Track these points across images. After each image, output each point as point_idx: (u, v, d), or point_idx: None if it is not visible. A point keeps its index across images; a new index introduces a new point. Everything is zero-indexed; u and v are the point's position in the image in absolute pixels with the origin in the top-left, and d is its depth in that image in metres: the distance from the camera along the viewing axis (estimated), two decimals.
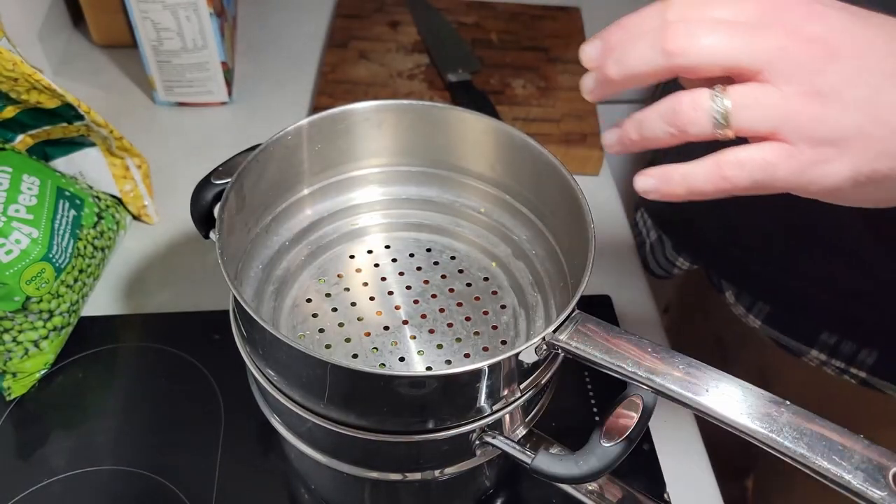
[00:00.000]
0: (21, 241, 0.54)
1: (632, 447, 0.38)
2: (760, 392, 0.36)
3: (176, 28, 0.73)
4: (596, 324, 0.41)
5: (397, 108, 0.51)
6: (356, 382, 0.40)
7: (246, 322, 0.43)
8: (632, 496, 0.47)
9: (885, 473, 0.33)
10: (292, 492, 0.54)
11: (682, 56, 0.34)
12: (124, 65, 0.84)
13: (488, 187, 0.53)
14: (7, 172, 0.57)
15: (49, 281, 0.56)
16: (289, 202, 0.52)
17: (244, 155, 0.47)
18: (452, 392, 0.40)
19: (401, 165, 0.54)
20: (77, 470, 0.54)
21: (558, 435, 0.46)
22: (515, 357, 0.40)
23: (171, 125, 0.79)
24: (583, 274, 0.41)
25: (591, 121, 0.78)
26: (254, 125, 0.79)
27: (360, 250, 0.54)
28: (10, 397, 0.57)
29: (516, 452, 0.42)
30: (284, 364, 0.42)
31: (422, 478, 0.45)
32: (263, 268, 0.51)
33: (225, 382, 0.58)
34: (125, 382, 0.59)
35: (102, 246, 0.63)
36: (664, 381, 0.37)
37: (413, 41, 0.86)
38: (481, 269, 0.53)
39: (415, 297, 0.51)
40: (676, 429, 0.58)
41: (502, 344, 0.48)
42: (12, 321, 0.55)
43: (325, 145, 0.51)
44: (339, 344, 0.48)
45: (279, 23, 0.91)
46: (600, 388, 0.59)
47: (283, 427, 0.46)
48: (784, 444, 0.34)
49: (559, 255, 0.50)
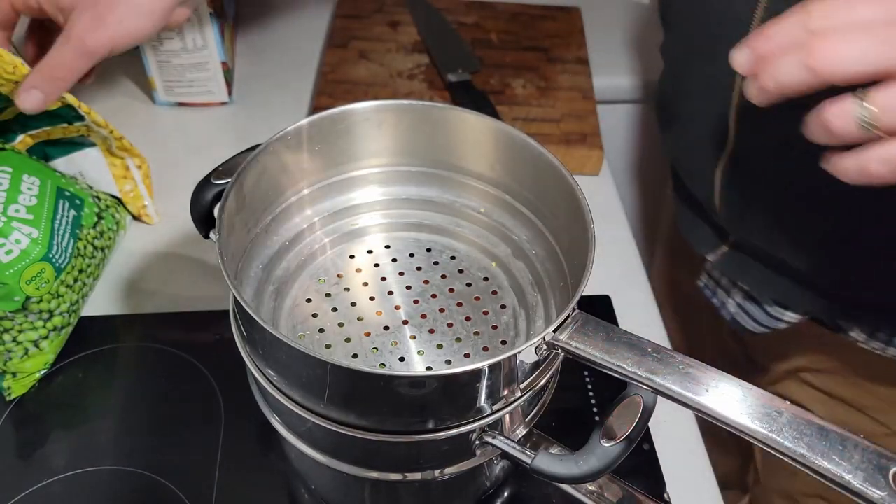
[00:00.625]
0: (21, 241, 0.54)
1: (632, 447, 0.38)
2: (760, 392, 0.36)
3: (176, 28, 0.73)
4: (596, 324, 0.41)
5: (397, 108, 0.51)
6: (356, 382, 0.40)
7: (246, 322, 0.43)
8: (632, 496, 0.47)
9: (885, 473, 0.33)
10: (292, 492, 0.54)
11: (830, 73, 0.35)
12: (124, 65, 0.84)
13: (488, 187, 0.53)
14: (7, 172, 0.57)
15: (49, 281, 0.56)
16: (289, 202, 0.52)
17: (244, 155, 0.47)
18: (452, 392, 0.40)
19: (401, 165, 0.54)
20: (77, 470, 0.54)
21: (558, 435, 0.46)
22: (515, 357, 0.40)
23: (171, 125, 0.79)
24: (583, 274, 0.41)
25: (591, 121, 0.78)
26: (254, 125, 0.79)
27: (360, 250, 0.54)
28: (10, 397, 0.57)
29: (516, 452, 0.42)
30: (284, 364, 0.42)
31: (422, 478, 0.45)
32: (263, 268, 0.51)
33: (225, 382, 0.58)
34: (125, 382, 0.59)
35: (102, 246, 0.63)
36: (664, 381, 0.37)
37: (413, 41, 0.86)
38: (481, 269, 0.53)
39: (415, 297, 0.51)
40: (676, 429, 0.59)
41: (502, 344, 0.48)
42: (12, 321, 0.55)
43: (325, 145, 0.51)
44: (339, 344, 0.48)
45: (279, 23, 0.91)
46: (600, 388, 0.59)
47: (283, 427, 0.46)
48: (784, 444, 0.34)
49: (559, 255, 0.50)
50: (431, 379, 0.40)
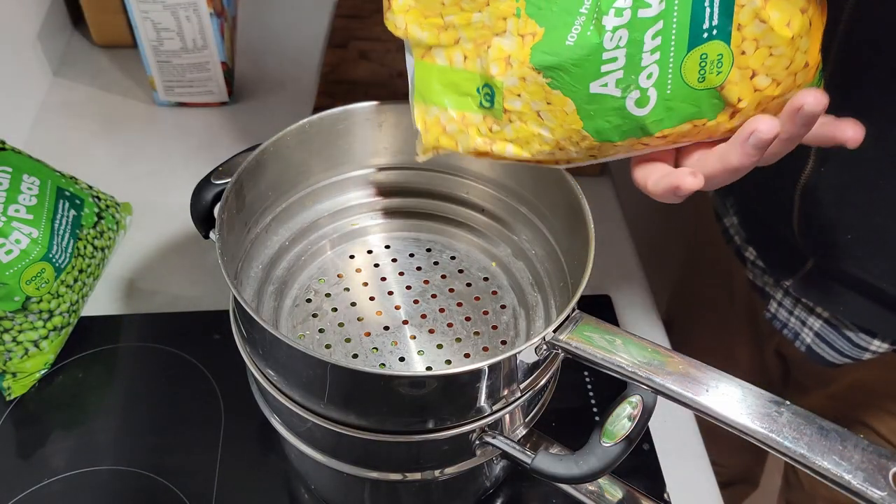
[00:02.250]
0: (21, 241, 0.54)
1: (632, 447, 0.38)
2: (760, 392, 0.36)
3: (176, 28, 0.73)
4: (596, 324, 0.41)
5: (397, 108, 0.51)
6: (356, 382, 0.40)
7: (246, 322, 0.43)
8: (632, 496, 0.47)
9: (885, 473, 0.33)
10: (292, 492, 0.54)
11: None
12: (124, 65, 0.84)
13: (488, 187, 0.53)
14: (7, 172, 0.57)
15: (49, 281, 0.56)
16: (289, 202, 0.52)
17: (244, 155, 0.47)
18: (452, 392, 0.40)
19: (401, 165, 0.54)
20: (77, 470, 0.54)
21: (558, 435, 0.46)
22: (515, 357, 0.40)
23: (171, 125, 0.79)
24: (583, 274, 0.41)
25: None
26: (254, 125, 0.79)
27: (360, 250, 0.54)
28: (10, 397, 0.57)
29: (516, 452, 0.42)
30: (284, 364, 0.42)
31: (422, 478, 0.45)
32: (263, 268, 0.51)
33: (225, 382, 0.58)
34: (125, 382, 0.59)
35: (102, 246, 0.63)
36: (664, 381, 0.37)
37: None
38: (481, 269, 0.53)
39: (415, 297, 0.51)
40: (676, 429, 0.58)
41: (502, 344, 0.48)
42: (12, 321, 0.55)
43: (325, 145, 0.51)
44: (339, 344, 0.48)
45: (279, 23, 0.91)
46: (600, 388, 0.59)
47: (283, 427, 0.46)
48: (784, 444, 0.34)
49: (559, 255, 0.50)
50: (431, 379, 0.40)
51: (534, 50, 0.36)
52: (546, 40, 0.36)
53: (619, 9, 0.34)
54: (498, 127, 0.39)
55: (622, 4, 0.34)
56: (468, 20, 0.38)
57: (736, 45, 0.35)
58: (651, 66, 0.35)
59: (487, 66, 0.38)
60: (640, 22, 0.35)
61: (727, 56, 0.35)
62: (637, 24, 0.35)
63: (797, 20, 0.35)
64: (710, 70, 0.36)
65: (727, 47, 0.35)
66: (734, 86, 0.36)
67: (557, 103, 0.37)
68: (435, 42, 0.39)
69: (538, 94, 0.37)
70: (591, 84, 0.36)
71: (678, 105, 0.36)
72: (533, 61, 0.36)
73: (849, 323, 0.61)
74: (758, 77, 0.36)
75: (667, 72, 0.35)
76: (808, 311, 0.64)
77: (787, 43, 0.35)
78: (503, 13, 0.37)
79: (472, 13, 0.38)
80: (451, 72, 0.40)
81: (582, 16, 0.35)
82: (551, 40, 0.36)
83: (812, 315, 0.64)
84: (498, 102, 0.39)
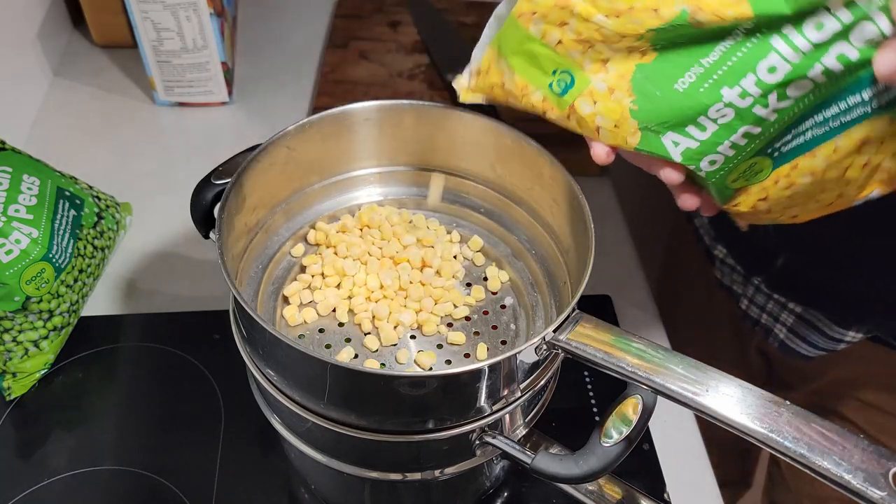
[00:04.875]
0: (21, 241, 0.54)
1: (632, 447, 0.38)
2: (760, 392, 0.36)
3: (176, 28, 0.73)
4: (596, 324, 0.41)
5: (397, 108, 0.51)
6: (356, 382, 0.40)
7: (246, 322, 0.43)
8: (632, 496, 0.47)
9: (885, 473, 0.33)
10: (292, 492, 0.54)
11: None
12: (124, 65, 0.84)
13: (488, 187, 0.53)
14: (7, 172, 0.57)
15: (49, 281, 0.56)
16: (289, 202, 0.52)
17: (244, 155, 0.47)
18: (452, 392, 0.40)
19: (401, 165, 0.54)
20: (77, 470, 0.54)
21: (558, 435, 0.46)
22: (515, 357, 0.40)
23: (171, 125, 0.79)
24: (583, 274, 0.41)
25: None
26: (254, 125, 0.79)
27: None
28: (10, 397, 0.57)
29: (516, 452, 0.42)
30: (284, 364, 0.42)
31: (422, 478, 0.45)
32: (263, 268, 0.51)
33: (225, 382, 0.58)
34: (125, 382, 0.59)
35: (102, 246, 0.63)
36: (664, 381, 0.37)
37: (413, 41, 0.86)
38: (481, 269, 0.53)
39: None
40: (676, 429, 0.59)
41: (502, 344, 0.48)
42: (12, 321, 0.55)
43: (325, 145, 0.51)
44: (339, 344, 0.48)
45: (279, 23, 0.91)
46: (600, 388, 0.59)
47: (283, 427, 0.46)
48: (784, 444, 0.34)
49: (559, 255, 0.50)
50: (431, 379, 0.40)
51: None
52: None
53: (744, 90, 0.35)
54: (554, 115, 0.41)
55: (749, 87, 0.35)
56: (590, 14, 0.37)
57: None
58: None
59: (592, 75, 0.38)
60: (747, 113, 0.36)
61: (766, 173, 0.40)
62: (744, 115, 0.36)
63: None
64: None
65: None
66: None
67: (624, 129, 0.39)
68: (544, 15, 0.38)
69: (614, 115, 0.39)
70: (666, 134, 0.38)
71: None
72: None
73: (822, 316, 0.62)
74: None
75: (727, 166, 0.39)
76: (781, 306, 0.65)
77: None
78: (626, 44, 0.37)
79: (597, 14, 0.37)
80: (538, 44, 0.39)
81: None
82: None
83: (785, 311, 0.65)
84: (571, 95, 0.39)
